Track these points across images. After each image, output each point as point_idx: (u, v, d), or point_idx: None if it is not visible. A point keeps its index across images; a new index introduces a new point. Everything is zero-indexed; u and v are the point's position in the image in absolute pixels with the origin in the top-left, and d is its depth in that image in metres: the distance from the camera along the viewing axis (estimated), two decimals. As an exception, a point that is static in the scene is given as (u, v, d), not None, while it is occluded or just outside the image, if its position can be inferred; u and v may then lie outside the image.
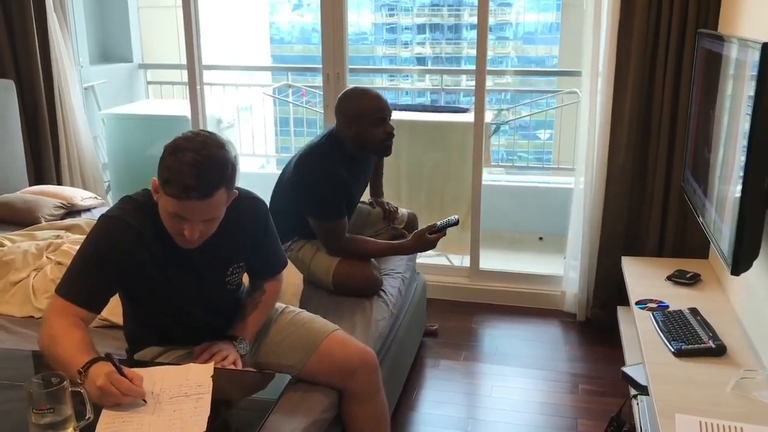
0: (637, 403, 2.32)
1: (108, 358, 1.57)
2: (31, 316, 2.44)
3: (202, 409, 1.53)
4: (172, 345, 1.92)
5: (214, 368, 1.70)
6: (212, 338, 1.88)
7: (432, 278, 3.63)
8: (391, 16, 20.39)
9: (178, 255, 1.76)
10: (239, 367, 1.84)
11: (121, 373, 1.54)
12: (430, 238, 2.66)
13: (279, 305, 2.14)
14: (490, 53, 3.53)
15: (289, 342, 2.01)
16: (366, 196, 3.05)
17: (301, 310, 2.17)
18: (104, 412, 1.51)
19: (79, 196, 3.57)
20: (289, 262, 2.51)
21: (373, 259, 2.73)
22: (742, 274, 1.96)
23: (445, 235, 2.68)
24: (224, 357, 1.81)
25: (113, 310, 2.01)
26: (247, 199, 1.88)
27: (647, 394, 2.07)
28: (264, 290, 2.02)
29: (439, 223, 2.67)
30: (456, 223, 2.66)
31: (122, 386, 1.52)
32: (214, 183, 1.61)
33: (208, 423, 1.49)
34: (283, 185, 2.71)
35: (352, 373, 1.98)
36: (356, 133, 2.59)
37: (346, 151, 2.63)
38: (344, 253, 2.63)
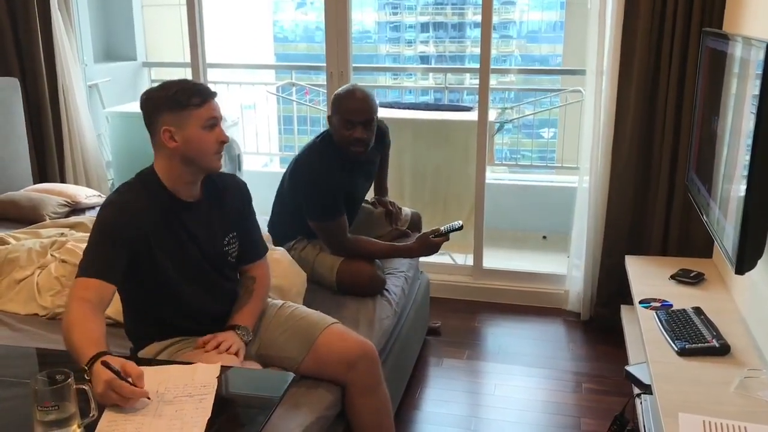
0: (641, 402, 2.31)
1: (104, 364, 1.53)
2: (36, 314, 2.45)
3: (203, 411, 1.52)
4: (173, 336, 1.93)
5: (221, 368, 1.69)
6: (212, 328, 1.91)
7: (435, 277, 3.63)
8: (395, 14, 20.37)
9: (177, 227, 1.86)
10: (242, 355, 1.86)
11: (121, 377, 1.52)
12: (433, 242, 2.67)
13: (278, 301, 2.17)
14: (493, 52, 3.53)
15: (289, 335, 2.04)
16: (369, 195, 3.04)
17: (299, 305, 2.20)
18: (106, 411, 1.51)
19: (83, 194, 3.57)
20: (291, 260, 2.54)
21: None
22: (747, 273, 1.96)
23: (448, 239, 2.70)
24: (229, 346, 1.84)
25: (118, 308, 2.01)
26: (228, 176, 2.09)
27: (651, 393, 2.07)
28: (254, 278, 2.07)
29: (443, 227, 2.69)
30: (460, 228, 2.68)
31: (124, 392, 1.51)
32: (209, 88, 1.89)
33: (207, 425, 1.48)
34: (286, 185, 2.72)
35: (352, 365, 2.00)
36: (333, 130, 2.61)
37: (340, 149, 2.63)
38: (347, 253, 2.63)
